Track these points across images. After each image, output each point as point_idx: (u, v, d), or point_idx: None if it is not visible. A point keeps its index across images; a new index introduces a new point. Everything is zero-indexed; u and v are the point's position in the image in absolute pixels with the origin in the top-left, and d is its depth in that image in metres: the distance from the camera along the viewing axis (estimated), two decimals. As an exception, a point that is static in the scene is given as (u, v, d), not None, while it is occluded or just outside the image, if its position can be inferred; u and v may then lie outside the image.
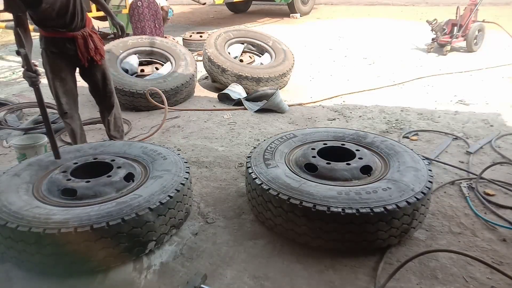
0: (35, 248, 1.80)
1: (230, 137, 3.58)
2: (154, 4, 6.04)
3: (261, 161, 2.33)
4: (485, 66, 5.56)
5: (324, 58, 6.46)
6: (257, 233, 2.22)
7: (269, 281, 1.88)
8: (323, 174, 2.20)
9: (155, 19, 6.07)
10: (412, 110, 4.14)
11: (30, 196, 2.06)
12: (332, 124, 3.85)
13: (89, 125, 3.95)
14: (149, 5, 5.98)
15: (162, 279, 1.90)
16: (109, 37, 8.32)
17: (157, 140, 3.56)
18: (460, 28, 6.29)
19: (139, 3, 5.94)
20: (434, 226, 2.25)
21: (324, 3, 12.98)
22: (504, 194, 2.56)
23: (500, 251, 2.04)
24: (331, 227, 1.92)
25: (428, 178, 2.12)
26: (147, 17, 6.01)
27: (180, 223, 2.20)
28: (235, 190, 2.68)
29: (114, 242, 1.84)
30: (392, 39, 7.47)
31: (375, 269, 1.93)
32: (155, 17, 6.06)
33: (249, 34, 5.41)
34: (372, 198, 1.93)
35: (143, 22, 5.99)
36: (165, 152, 2.47)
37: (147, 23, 6.01)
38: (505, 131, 3.51)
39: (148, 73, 4.77)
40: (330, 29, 8.69)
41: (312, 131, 2.76)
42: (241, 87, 4.62)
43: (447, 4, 10.67)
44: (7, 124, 3.84)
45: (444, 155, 3.14)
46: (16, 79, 5.85)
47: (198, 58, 5.91)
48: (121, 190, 2.14)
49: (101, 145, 2.62)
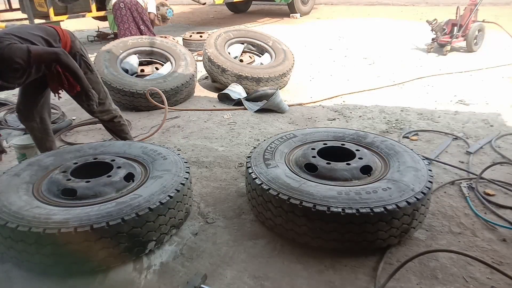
0: (35, 248, 1.80)
1: (230, 137, 3.58)
2: (137, 6, 6.05)
3: (261, 161, 2.33)
4: (485, 66, 5.56)
5: (324, 58, 6.46)
6: (257, 233, 2.22)
7: (269, 281, 1.88)
8: (323, 174, 2.20)
9: (141, 21, 6.08)
10: (412, 110, 4.14)
11: (30, 196, 2.06)
12: (332, 124, 3.85)
13: (89, 125, 3.95)
14: (131, 7, 5.99)
15: (162, 279, 1.90)
16: (109, 37, 8.33)
17: (157, 140, 3.56)
18: (460, 28, 6.29)
19: (121, 5, 5.97)
20: (434, 226, 2.25)
21: (324, 3, 12.98)
22: (504, 194, 2.55)
23: (500, 251, 2.04)
24: (331, 227, 1.92)
25: (428, 178, 2.12)
26: (130, 19, 6.04)
27: (180, 223, 2.20)
28: (235, 190, 2.68)
29: (114, 242, 1.84)
30: (392, 39, 7.46)
31: (375, 269, 1.93)
32: (140, 19, 6.08)
33: (249, 34, 5.41)
34: (372, 198, 1.93)
35: (126, 24, 6.02)
36: (165, 152, 2.47)
37: (131, 25, 6.03)
38: (505, 131, 3.51)
39: (148, 73, 4.77)
40: (330, 29, 8.69)
41: (312, 131, 2.76)
42: (241, 87, 4.62)
43: (447, 4, 10.67)
44: (7, 124, 3.84)
45: (444, 155, 3.14)
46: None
47: (198, 58, 5.91)
48: (121, 190, 2.14)
49: (101, 145, 2.62)
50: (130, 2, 6.00)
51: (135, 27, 6.07)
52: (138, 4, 6.08)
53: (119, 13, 6.00)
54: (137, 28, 6.09)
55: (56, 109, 4.17)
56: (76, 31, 9.59)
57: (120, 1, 6.00)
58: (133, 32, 5.97)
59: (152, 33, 6.14)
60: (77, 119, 4.16)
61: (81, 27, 9.80)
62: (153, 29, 6.35)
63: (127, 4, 5.98)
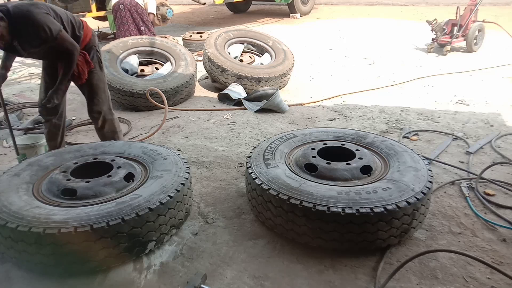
0: (35, 248, 1.80)
1: (230, 137, 3.58)
2: (137, 7, 6.04)
3: (261, 161, 2.33)
4: (485, 66, 5.56)
5: (324, 58, 6.46)
6: (257, 233, 2.22)
7: (269, 281, 1.88)
8: (323, 174, 2.20)
9: (141, 22, 6.08)
10: (412, 110, 4.14)
11: (30, 196, 2.06)
12: (332, 124, 3.85)
13: (89, 125, 3.95)
14: (131, 9, 5.98)
15: (162, 279, 1.90)
16: (109, 37, 8.33)
17: (157, 140, 3.56)
18: (460, 28, 6.29)
19: (121, 6, 5.96)
20: (434, 226, 2.25)
21: (324, 3, 12.98)
22: (504, 194, 2.55)
23: (500, 251, 2.04)
24: (331, 227, 1.92)
25: (428, 178, 2.12)
26: (130, 20, 6.03)
27: (180, 223, 2.20)
28: (235, 190, 2.68)
29: (114, 242, 1.84)
30: (392, 39, 7.46)
31: (375, 269, 1.93)
32: (140, 20, 6.07)
33: (249, 34, 5.41)
34: (372, 198, 1.93)
35: (126, 25, 6.02)
36: (165, 152, 2.47)
37: (130, 26, 6.02)
38: (505, 131, 3.51)
39: (148, 73, 4.77)
40: (330, 29, 8.69)
41: (312, 131, 2.76)
42: (241, 87, 4.62)
43: (447, 4, 10.67)
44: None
45: (444, 155, 3.14)
46: (16, 79, 5.85)
47: (198, 58, 5.91)
48: (121, 190, 2.14)
49: (101, 145, 2.62)
50: (130, 3, 5.99)
51: (135, 28, 6.06)
52: (138, 5, 6.07)
53: (119, 15, 5.99)
54: (137, 29, 6.09)
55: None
56: (76, 31, 9.59)
57: (120, 2, 5.99)
58: (132, 33, 5.96)
59: (152, 34, 6.14)
60: (77, 119, 4.16)
61: (81, 27, 9.79)
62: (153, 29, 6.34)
63: (126, 5, 5.97)
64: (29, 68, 6.46)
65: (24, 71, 6.25)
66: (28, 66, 6.55)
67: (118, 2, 6.01)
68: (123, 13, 5.95)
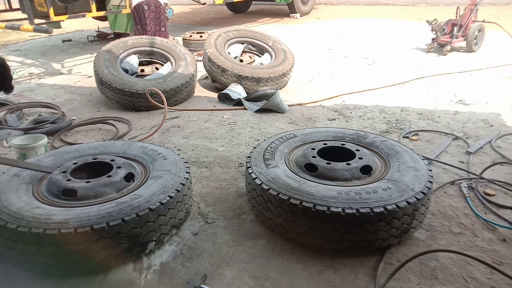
0: (35, 249, 1.80)
1: (230, 137, 3.58)
2: (160, 8, 6.03)
3: (261, 161, 2.33)
4: (485, 66, 5.56)
5: (324, 58, 6.46)
6: (257, 233, 2.22)
7: (269, 281, 1.88)
8: (323, 174, 2.20)
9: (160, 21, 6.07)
10: (412, 110, 4.14)
11: (30, 196, 2.06)
12: (332, 124, 3.85)
13: (89, 125, 3.95)
14: (155, 9, 5.97)
15: (162, 279, 1.90)
16: (109, 37, 8.32)
17: (157, 140, 3.56)
18: (460, 28, 6.29)
19: (145, 7, 5.92)
20: (434, 226, 2.25)
21: (324, 3, 12.98)
22: (504, 194, 2.56)
23: (500, 251, 2.04)
24: (331, 227, 1.92)
25: (428, 178, 2.12)
26: (153, 22, 6.01)
27: (180, 223, 2.20)
28: (235, 190, 2.68)
29: (114, 242, 1.84)
30: (392, 39, 7.47)
31: (375, 269, 1.93)
32: (159, 19, 6.06)
33: (249, 34, 5.41)
34: (372, 198, 1.93)
35: (146, 26, 5.99)
36: (165, 152, 2.47)
37: (149, 26, 6.00)
38: (505, 131, 3.51)
39: (148, 73, 4.77)
40: (330, 29, 8.69)
41: (312, 131, 2.76)
42: (241, 87, 4.62)
43: (447, 4, 10.67)
44: (7, 124, 3.84)
45: (444, 155, 3.14)
46: (16, 79, 5.84)
47: (198, 58, 5.90)
48: (121, 190, 2.14)
49: (101, 145, 2.62)
50: (154, 3, 5.95)
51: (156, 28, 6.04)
52: (161, 6, 6.05)
53: (142, 15, 5.94)
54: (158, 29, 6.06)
55: (56, 109, 4.17)
56: (76, 31, 9.61)
57: (144, 2, 5.93)
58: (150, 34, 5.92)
59: (168, 34, 6.13)
60: (77, 119, 4.16)
61: (81, 27, 9.81)
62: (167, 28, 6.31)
63: (151, 6, 5.93)
64: (29, 68, 6.46)
65: (24, 71, 6.25)
66: (28, 66, 6.55)
67: (143, 2, 5.95)
68: (147, 14, 5.90)
